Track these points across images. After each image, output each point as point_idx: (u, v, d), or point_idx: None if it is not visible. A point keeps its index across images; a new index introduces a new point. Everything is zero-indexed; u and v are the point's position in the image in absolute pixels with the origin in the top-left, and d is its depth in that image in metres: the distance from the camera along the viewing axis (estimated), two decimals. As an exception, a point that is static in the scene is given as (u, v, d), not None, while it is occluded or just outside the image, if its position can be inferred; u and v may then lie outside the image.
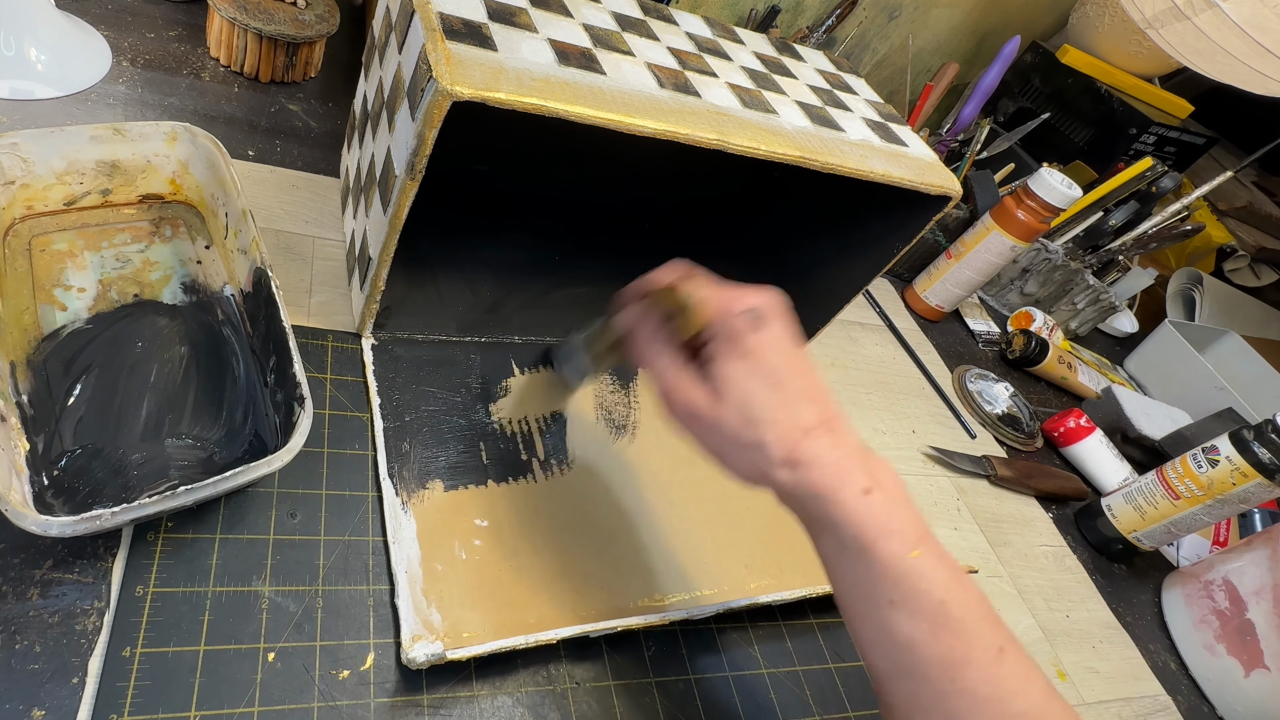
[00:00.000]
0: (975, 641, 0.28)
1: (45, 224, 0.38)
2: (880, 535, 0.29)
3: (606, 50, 0.42)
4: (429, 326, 0.49)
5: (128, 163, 0.38)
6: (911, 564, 0.28)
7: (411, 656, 0.33)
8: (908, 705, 0.29)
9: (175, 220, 0.41)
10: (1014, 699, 0.27)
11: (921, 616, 0.28)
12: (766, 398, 0.30)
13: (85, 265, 0.38)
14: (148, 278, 0.40)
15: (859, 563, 0.29)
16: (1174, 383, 0.89)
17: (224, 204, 0.40)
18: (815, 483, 0.29)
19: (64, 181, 0.37)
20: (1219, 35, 0.69)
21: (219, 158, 0.40)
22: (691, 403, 0.32)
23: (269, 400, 0.38)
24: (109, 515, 0.29)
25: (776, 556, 0.47)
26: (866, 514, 0.29)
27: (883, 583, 0.28)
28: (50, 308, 0.36)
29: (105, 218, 0.39)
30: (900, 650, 0.28)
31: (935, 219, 0.50)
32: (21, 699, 0.28)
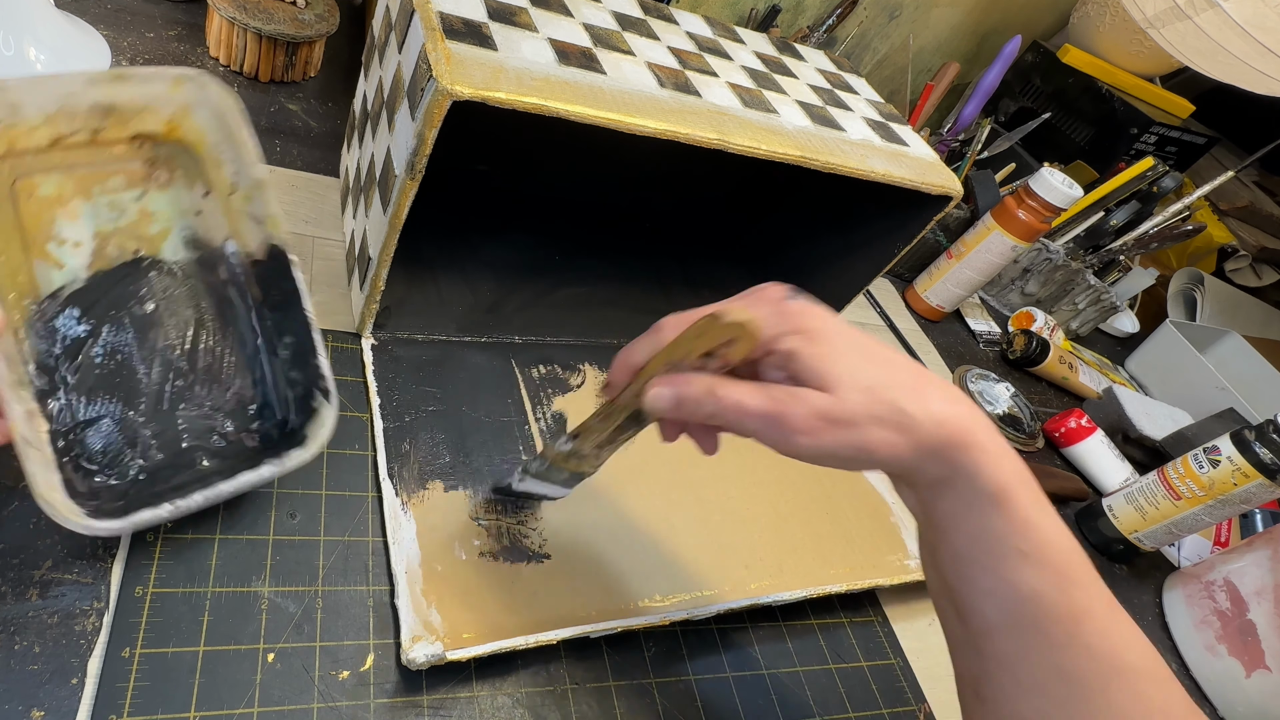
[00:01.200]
0: (1096, 595, 0.28)
1: (29, 163, 0.34)
2: (1017, 483, 0.28)
3: (607, 50, 0.42)
4: (429, 326, 0.49)
5: (125, 105, 0.35)
6: (1040, 513, 0.28)
7: (411, 657, 0.33)
8: (1013, 656, 0.28)
9: (170, 161, 0.37)
10: (1126, 652, 0.27)
11: (1051, 568, 0.27)
12: (872, 367, 0.29)
13: (78, 215, 0.35)
14: (147, 231, 0.37)
15: (992, 511, 0.28)
16: (1175, 383, 0.89)
17: (232, 160, 0.37)
18: (959, 429, 0.28)
19: (52, 122, 0.34)
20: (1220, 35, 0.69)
21: (232, 110, 0.36)
22: (813, 408, 0.28)
23: (282, 373, 0.38)
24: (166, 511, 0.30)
25: (776, 556, 0.47)
26: (1001, 459, 0.28)
27: (1013, 531, 0.28)
28: (46, 265, 0.34)
29: (94, 156, 0.35)
30: (1023, 601, 0.28)
31: (936, 219, 0.50)
32: (21, 699, 0.28)
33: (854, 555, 0.49)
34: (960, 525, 0.29)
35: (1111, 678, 0.27)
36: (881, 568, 0.50)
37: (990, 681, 0.29)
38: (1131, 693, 0.27)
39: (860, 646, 0.46)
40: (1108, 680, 0.27)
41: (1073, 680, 0.27)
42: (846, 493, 0.54)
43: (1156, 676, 0.28)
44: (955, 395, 0.30)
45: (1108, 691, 0.27)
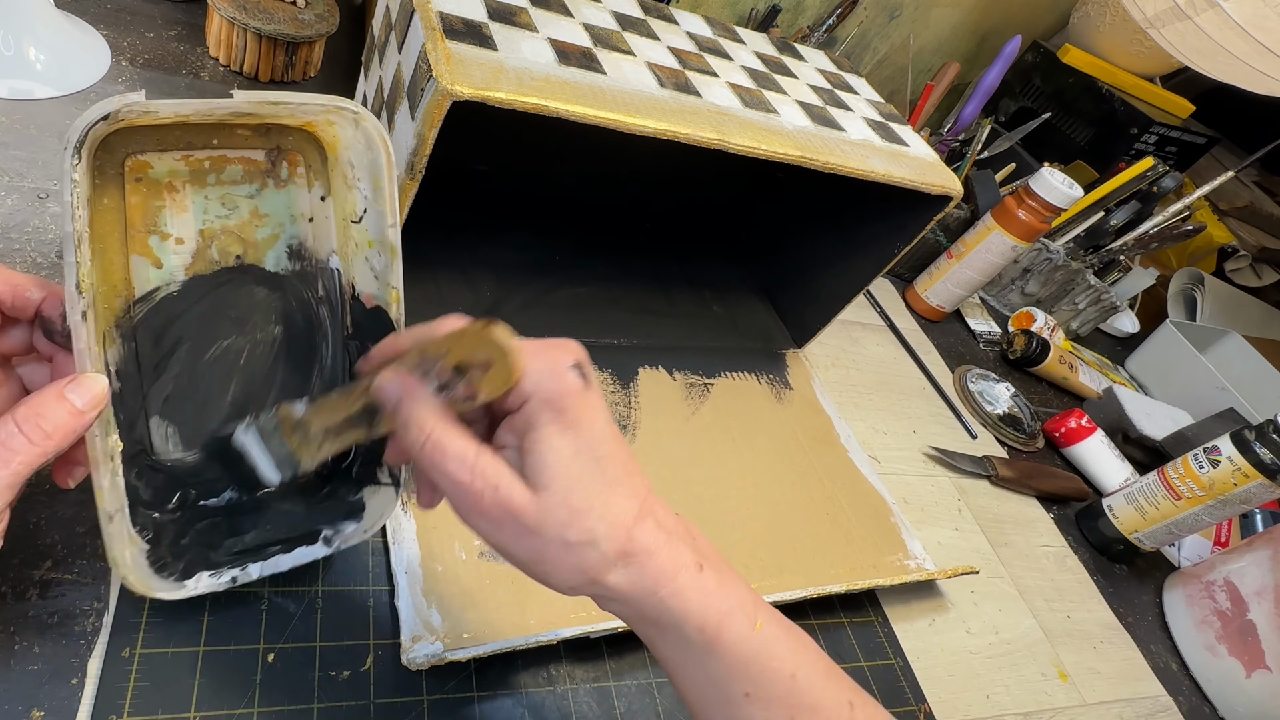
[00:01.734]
0: (827, 707, 0.27)
1: (143, 138, 0.30)
2: (724, 617, 0.26)
3: (607, 50, 0.42)
4: (429, 326, 0.49)
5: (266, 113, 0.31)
6: (759, 641, 0.27)
7: (411, 657, 0.33)
8: None
9: (294, 154, 0.33)
10: None
11: (778, 703, 0.27)
12: (593, 481, 0.26)
13: (186, 206, 0.32)
14: (253, 235, 0.34)
15: (707, 657, 0.26)
16: (1175, 383, 0.89)
17: (365, 195, 0.33)
18: (653, 574, 0.26)
19: (181, 115, 0.29)
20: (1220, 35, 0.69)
21: (380, 148, 0.32)
22: (506, 506, 0.25)
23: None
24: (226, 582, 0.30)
25: (776, 556, 0.47)
26: (706, 596, 0.26)
27: (734, 674, 0.26)
28: (144, 261, 0.31)
29: (214, 136, 0.31)
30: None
31: (936, 219, 0.50)
32: (21, 699, 0.28)
33: (854, 555, 0.49)
34: (680, 674, 0.28)
35: None
36: (881, 568, 0.50)
37: None
38: None
39: (860, 646, 0.46)
40: None
41: None
42: (847, 493, 0.54)
43: None
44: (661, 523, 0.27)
45: None
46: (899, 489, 0.58)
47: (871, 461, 0.58)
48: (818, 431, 0.57)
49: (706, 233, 0.70)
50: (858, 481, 0.55)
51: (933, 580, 0.51)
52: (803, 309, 0.63)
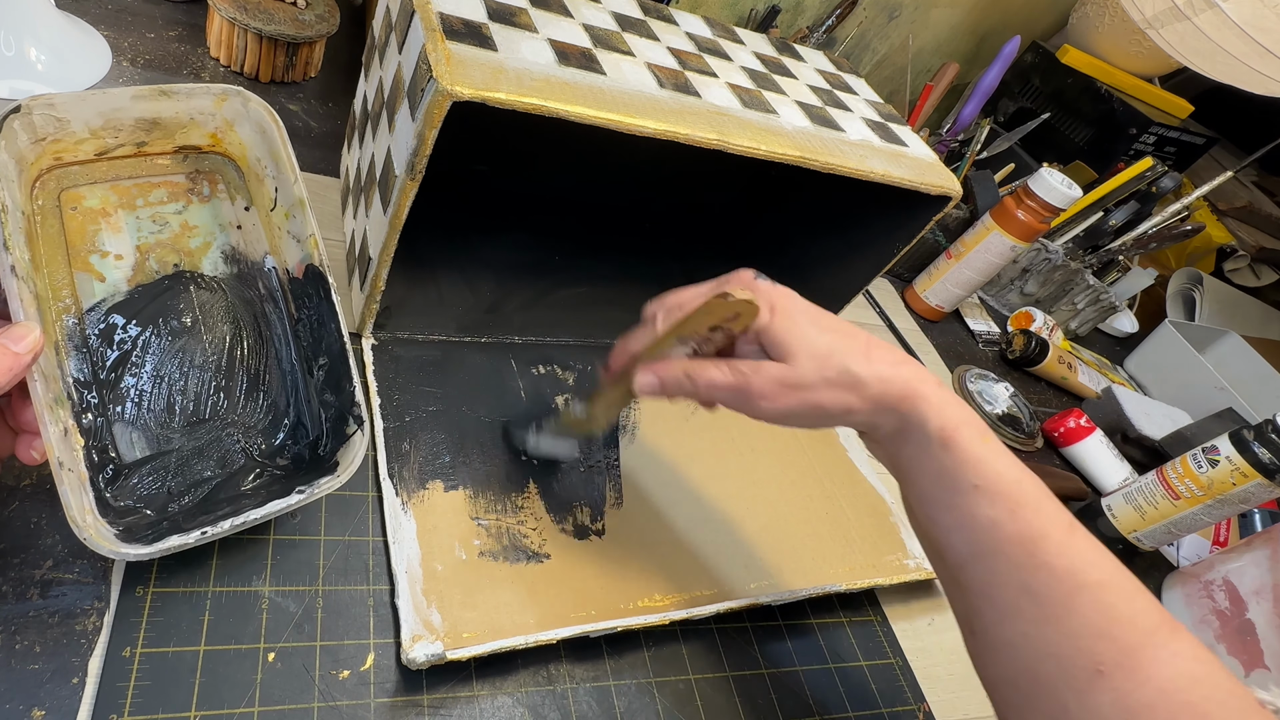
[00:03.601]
0: (1050, 518, 0.30)
1: (75, 175, 0.34)
2: (961, 424, 0.31)
3: (606, 50, 0.42)
4: (429, 326, 0.49)
5: (169, 120, 0.35)
6: (988, 449, 0.31)
7: (411, 657, 0.33)
8: (986, 583, 0.30)
9: (213, 175, 0.38)
10: (1089, 569, 0.29)
11: (1002, 497, 0.30)
12: (819, 334, 0.33)
13: (121, 227, 0.36)
14: (187, 244, 0.37)
15: (944, 453, 0.31)
16: (1174, 383, 0.89)
17: (274, 176, 0.37)
18: (903, 384, 0.32)
19: (98, 136, 0.34)
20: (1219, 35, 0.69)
21: (272, 126, 0.37)
22: (770, 378, 0.33)
23: (316, 394, 0.38)
24: (195, 537, 0.30)
25: (776, 556, 0.47)
26: (944, 406, 0.32)
27: (964, 468, 0.31)
28: (88, 277, 0.34)
29: (138, 169, 0.36)
30: (982, 530, 0.30)
31: (935, 219, 0.50)
32: (21, 699, 0.28)
33: (854, 555, 0.50)
34: (919, 469, 0.33)
35: (1074, 593, 0.28)
36: (881, 568, 0.50)
37: (976, 615, 0.31)
38: (1095, 605, 0.28)
39: (860, 646, 0.46)
40: (1072, 595, 0.28)
41: (1038, 599, 0.29)
42: (846, 493, 0.54)
43: (1120, 589, 0.29)
44: (900, 358, 0.34)
45: (1071, 606, 0.28)
46: (898, 489, 0.58)
47: (871, 461, 0.58)
48: (817, 431, 0.57)
49: (706, 233, 0.70)
50: (857, 481, 0.55)
51: (932, 580, 0.51)
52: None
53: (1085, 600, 0.28)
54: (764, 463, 0.52)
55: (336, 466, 0.34)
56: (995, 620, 0.30)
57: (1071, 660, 0.28)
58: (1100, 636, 0.28)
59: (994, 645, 0.31)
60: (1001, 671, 0.31)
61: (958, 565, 0.32)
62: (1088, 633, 0.28)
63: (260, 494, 0.35)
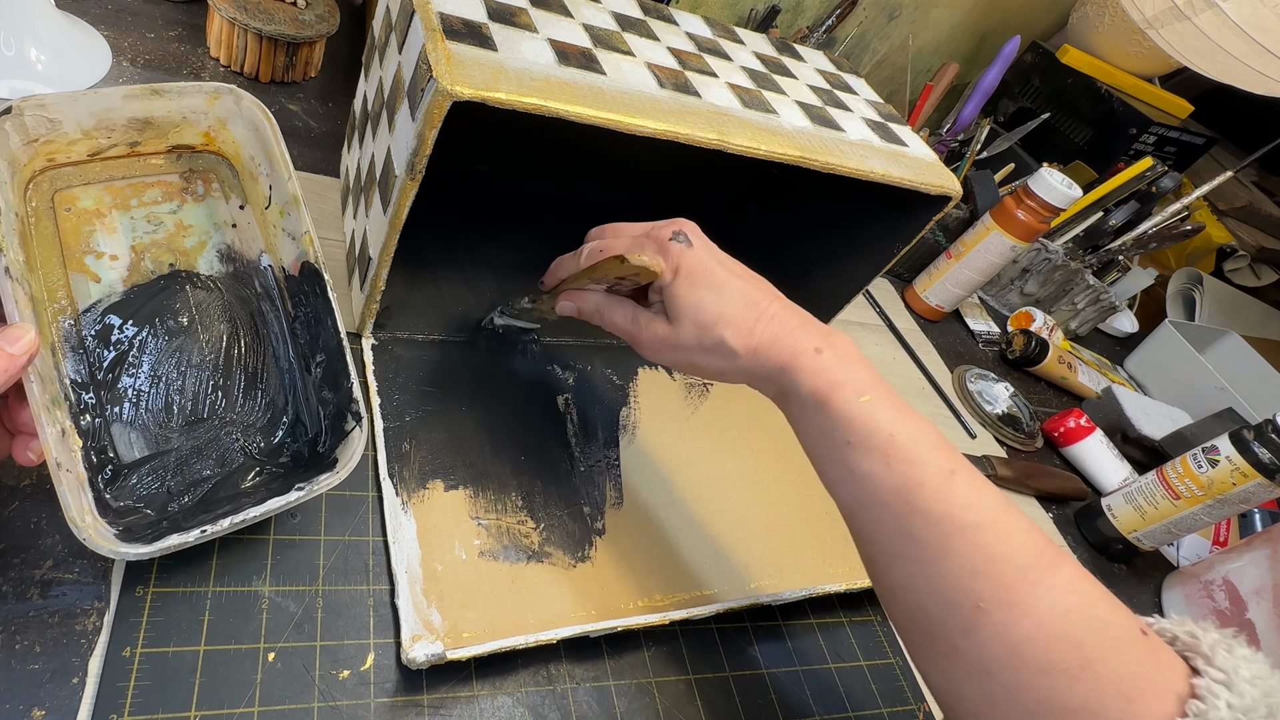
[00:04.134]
0: (926, 467, 0.31)
1: (68, 176, 0.34)
2: (833, 387, 0.33)
3: (606, 50, 0.42)
4: (429, 326, 0.49)
5: (162, 119, 0.35)
6: (862, 407, 0.32)
7: (411, 657, 0.33)
8: (874, 530, 0.32)
9: (207, 174, 0.37)
10: (964, 513, 0.30)
11: (875, 451, 0.32)
12: (713, 302, 0.35)
13: (115, 228, 0.35)
14: (182, 244, 0.37)
15: (818, 415, 0.33)
16: (1174, 383, 0.89)
17: (268, 174, 0.37)
18: (776, 357, 0.34)
19: (90, 136, 0.34)
20: (1219, 35, 0.69)
21: (265, 124, 0.37)
22: (655, 335, 0.37)
23: (313, 390, 0.38)
24: (194, 536, 0.29)
25: (776, 556, 0.47)
26: (819, 370, 0.34)
27: (838, 427, 0.32)
28: (83, 278, 0.34)
29: (131, 169, 0.36)
30: (860, 483, 0.32)
31: (935, 219, 0.50)
32: (21, 699, 0.28)
33: (854, 555, 0.49)
34: (803, 428, 0.35)
35: (950, 536, 0.30)
36: (881, 567, 0.50)
37: (870, 561, 0.34)
38: (972, 545, 0.29)
39: (860, 646, 0.46)
40: (947, 538, 0.30)
41: (917, 542, 0.30)
42: (846, 492, 0.54)
43: (997, 529, 0.30)
44: (793, 325, 0.35)
45: (948, 548, 0.30)
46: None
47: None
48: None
49: (706, 233, 0.70)
50: (857, 481, 0.55)
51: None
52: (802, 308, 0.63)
53: (961, 541, 0.29)
54: (764, 463, 0.52)
55: (336, 463, 0.34)
56: (885, 566, 0.32)
57: (953, 599, 0.29)
58: (977, 575, 0.29)
59: (889, 589, 0.32)
60: (899, 612, 0.32)
61: (849, 514, 0.34)
62: (965, 572, 0.29)
63: (260, 492, 0.35)
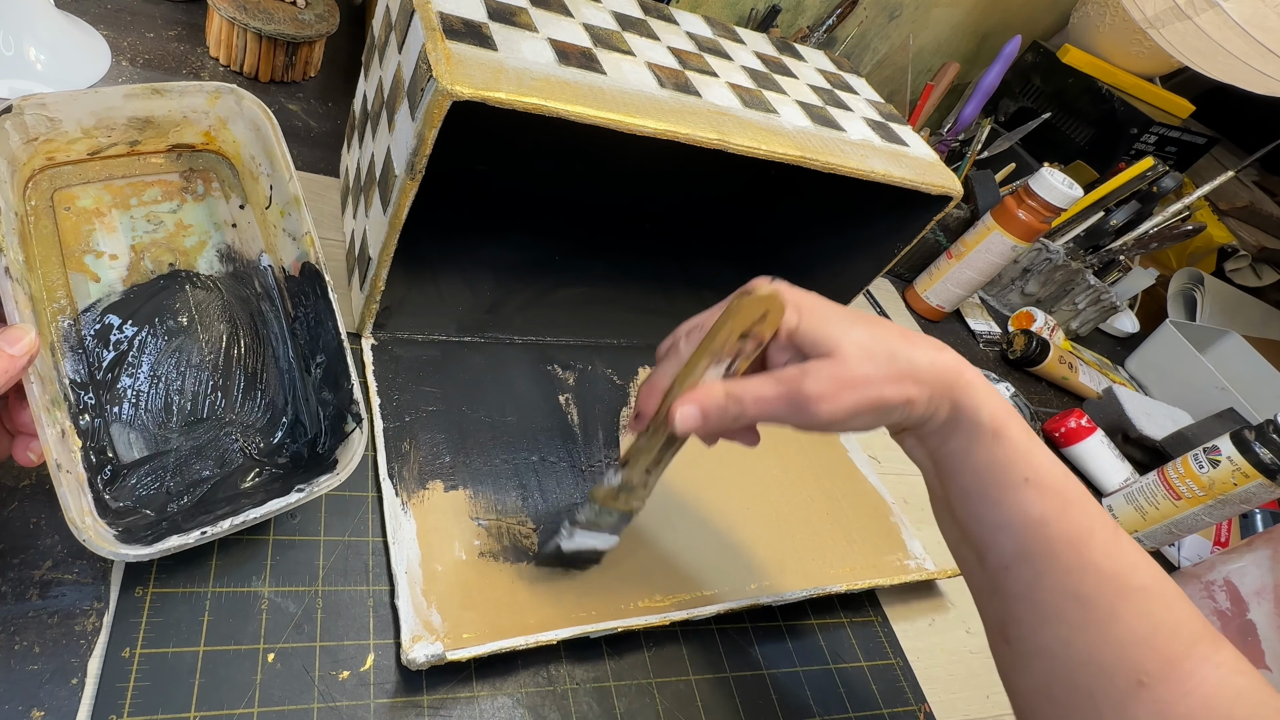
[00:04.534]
0: (1096, 517, 0.29)
1: (68, 175, 0.34)
2: (1010, 416, 0.30)
3: (607, 50, 0.42)
4: (429, 326, 0.49)
5: (162, 118, 0.35)
6: (1034, 443, 0.30)
7: (411, 657, 0.33)
8: (1030, 585, 0.29)
9: (207, 173, 0.37)
10: (1134, 573, 0.28)
11: (1052, 493, 0.29)
12: (864, 328, 0.31)
13: (115, 227, 0.35)
14: (182, 244, 0.37)
15: (995, 444, 0.30)
16: (1175, 383, 0.89)
17: (268, 174, 0.37)
18: (951, 371, 0.31)
19: (90, 135, 0.34)
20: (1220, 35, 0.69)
21: (266, 124, 0.36)
22: (828, 377, 0.30)
23: (313, 391, 0.38)
24: (195, 537, 0.29)
25: (776, 556, 0.47)
26: (992, 396, 0.31)
27: (1016, 461, 0.30)
28: (83, 278, 0.34)
29: (131, 168, 0.36)
30: (1032, 527, 0.29)
31: (936, 219, 0.50)
32: (21, 699, 0.28)
33: (854, 555, 0.49)
34: (967, 461, 0.31)
35: (1120, 598, 0.27)
36: (881, 568, 0.50)
37: (1014, 621, 0.30)
38: (1140, 612, 0.27)
39: (860, 646, 0.46)
40: (1116, 601, 0.27)
41: (1084, 603, 0.28)
42: (846, 493, 0.54)
43: (1164, 596, 0.28)
44: (940, 344, 0.32)
45: (1116, 612, 0.27)
46: (899, 489, 0.58)
47: (871, 461, 0.58)
48: (818, 431, 0.57)
49: (706, 233, 0.70)
50: (858, 481, 0.55)
51: (933, 580, 0.51)
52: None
53: (1130, 606, 0.27)
54: (764, 463, 0.52)
55: (336, 464, 0.34)
56: (1035, 626, 0.29)
57: (1113, 669, 0.27)
58: (1143, 644, 0.27)
59: (1030, 652, 0.29)
60: (1035, 681, 0.29)
61: (1000, 567, 0.30)
62: (1131, 640, 0.27)
63: (259, 493, 0.35)
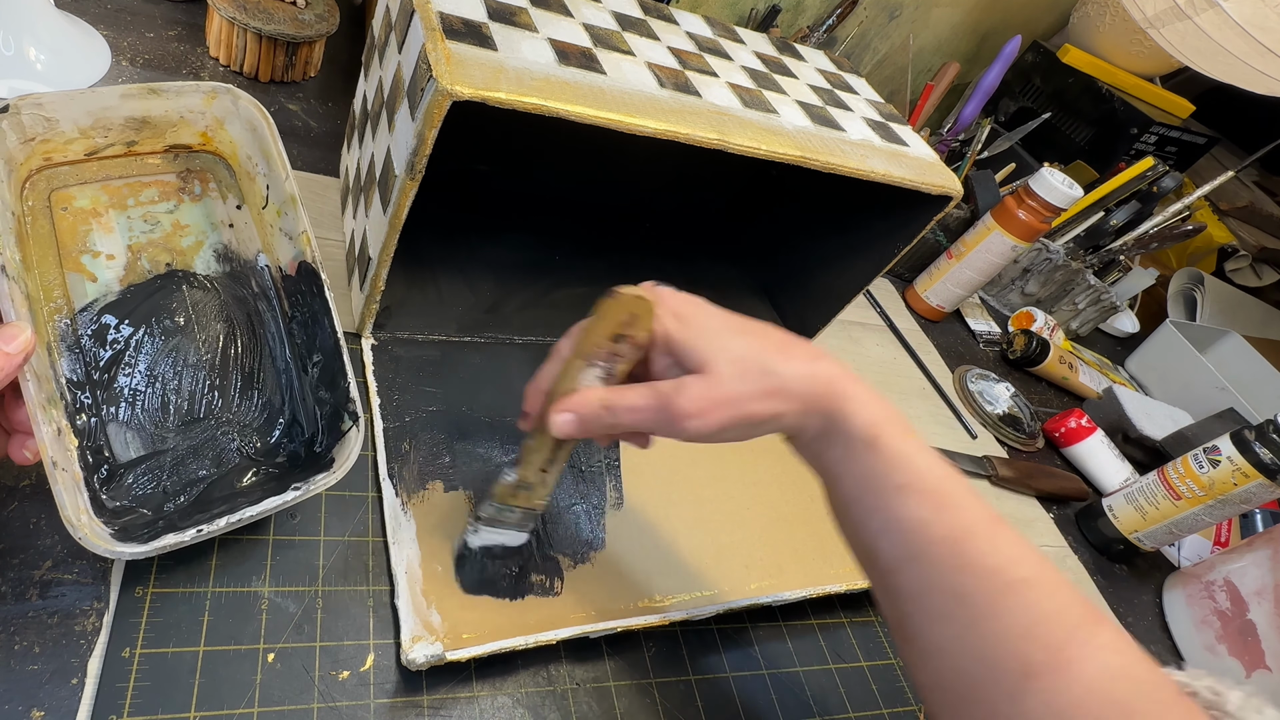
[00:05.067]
0: (974, 514, 0.29)
1: (65, 175, 0.34)
2: (884, 423, 0.31)
3: (607, 50, 0.42)
4: (429, 326, 0.49)
5: (159, 119, 0.35)
6: (911, 447, 0.30)
7: (411, 657, 0.33)
8: (916, 588, 0.30)
9: (204, 173, 0.37)
10: (1014, 567, 0.28)
11: (928, 495, 0.29)
12: (741, 339, 0.32)
13: (112, 227, 0.35)
14: (179, 244, 0.37)
15: (869, 453, 0.30)
16: (1175, 383, 0.89)
17: (265, 174, 0.37)
18: (825, 382, 0.31)
19: (87, 135, 0.34)
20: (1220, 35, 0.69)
21: (263, 124, 0.36)
22: (696, 395, 0.30)
23: (310, 390, 0.38)
24: (191, 535, 0.29)
25: (776, 557, 0.47)
26: (867, 403, 0.31)
27: (891, 469, 0.30)
28: (80, 278, 0.34)
29: (128, 168, 0.36)
30: (910, 532, 0.29)
31: (936, 219, 0.50)
32: (21, 700, 0.28)
33: (854, 555, 0.49)
34: (845, 472, 0.31)
35: (1001, 594, 0.28)
36: (881, 568, 0.50)
37: (907, 620, 0.30)
38: (1021, 604, 0.28)
39: (860, 646, 0.46)
40: (997, 597, 0.28)
41: (967, 601, 0.28)
42: (846, 493, 0.54)
43: (1044, 586, 0.28)
44: (817, 353, 0.32)
45: (998, 607, 0.28)
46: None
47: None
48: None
49: (706, 233, 0.70)
50: (858, 481, 0.55)
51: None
52: (802, 309, 0.63)
53: (1011, 601, 0.28)
54: (764, 463, 0.52)
55: (332, 463, 0.34)
56: (926, 625, 0.29)
57: (1000, 663, 0.27)
58: (1026, 637, 0.27)
59: (926, 651, 0.30)
60: (933, 677, 0.30)
61: (888, 570, 0.31)
62: (1014, 634, 0.27)
63: (256, 492, 0.35)
